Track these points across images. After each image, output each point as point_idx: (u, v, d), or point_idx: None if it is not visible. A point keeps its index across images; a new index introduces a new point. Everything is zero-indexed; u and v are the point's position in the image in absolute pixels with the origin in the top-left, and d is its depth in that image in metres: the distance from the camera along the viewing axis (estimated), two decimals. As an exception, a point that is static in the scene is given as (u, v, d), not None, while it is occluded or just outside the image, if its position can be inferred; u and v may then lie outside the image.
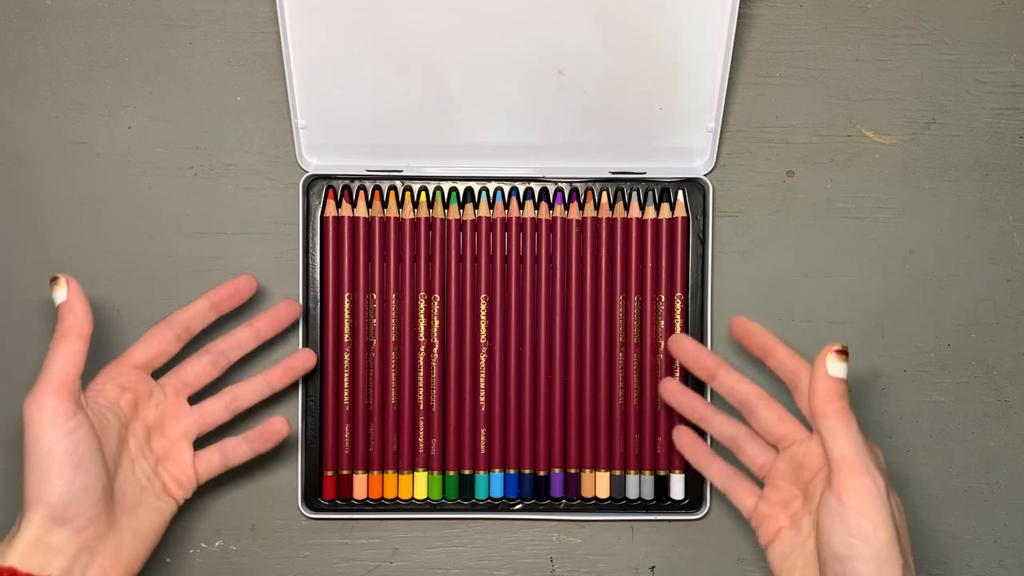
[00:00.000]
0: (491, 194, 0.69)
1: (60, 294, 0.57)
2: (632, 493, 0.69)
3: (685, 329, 0.68)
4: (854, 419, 0.55)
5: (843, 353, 0.56)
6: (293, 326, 0.68)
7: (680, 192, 0.69)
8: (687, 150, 0.69)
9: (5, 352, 0.69)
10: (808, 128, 0.70)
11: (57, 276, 0.57)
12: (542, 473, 0.68)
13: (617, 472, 0.69)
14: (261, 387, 0.65)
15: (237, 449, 0.63)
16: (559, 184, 0.69)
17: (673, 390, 0.64)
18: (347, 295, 0.68)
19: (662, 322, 0.68)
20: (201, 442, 0.63)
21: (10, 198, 0.69)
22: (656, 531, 0.69)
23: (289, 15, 0.64)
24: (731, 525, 0.69)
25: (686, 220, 0.68)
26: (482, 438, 0.68)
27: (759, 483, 0.61)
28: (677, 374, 0.68)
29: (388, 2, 0.64)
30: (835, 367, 0.56)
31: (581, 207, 0.69)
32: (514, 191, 0.68)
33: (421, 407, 0.68)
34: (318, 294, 0.68)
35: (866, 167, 0.70)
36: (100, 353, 0.69)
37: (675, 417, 0.68)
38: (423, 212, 0.68)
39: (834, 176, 0.70)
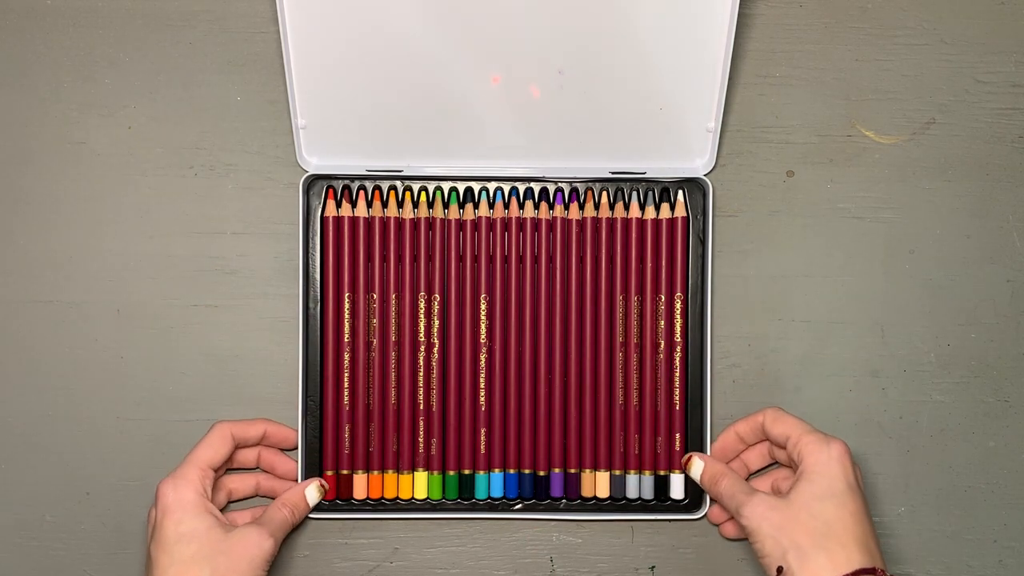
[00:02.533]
0: (491, 194, 0.69)
1: (316, 498, 0.67)
2: (632, 493, 0.69)
3: (685, 328, 0.68)
4: (725, 476, 0.65)
5: (689, 459, 0.67)
6: (293, 324, 0.68)
7: (680, 192, 0.69)
8: (687, 150, 0.69)
9: (6, 352, 0.69)
10: (808, 128, 0.70)
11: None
12: (542, 473, 0.68)
13: (617, 472, 0.69)
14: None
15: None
16: (559, 184, 0.69)
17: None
18: (347, 295, 0.68)
19: (662, 322, 0.68)
20: None
21: (10, 198, 0.69)
22: (656, 531, 0.69)
23: (289, 15, 0.64)
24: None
25: (686, 220, 0.68)
26: (482, 438, 0.68)
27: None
28: (678, 375, 0.68)
29: (388, 3, 0.64)
30: (695, 473, 0.67)
31: (581, 207, 0.69)
32: (514, 191, 0.68)
33: (421, 407, 0.68)
34: (318, 294, 0.68)
35: (866, 167, 0.70)
36: (98, 353, 0.69)
37: (675, 417, 0.68)
38: (423, 212, 0.68)
39: (834, 176, 0.70)
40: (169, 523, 0.61)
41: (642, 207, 0.68)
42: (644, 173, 0.68)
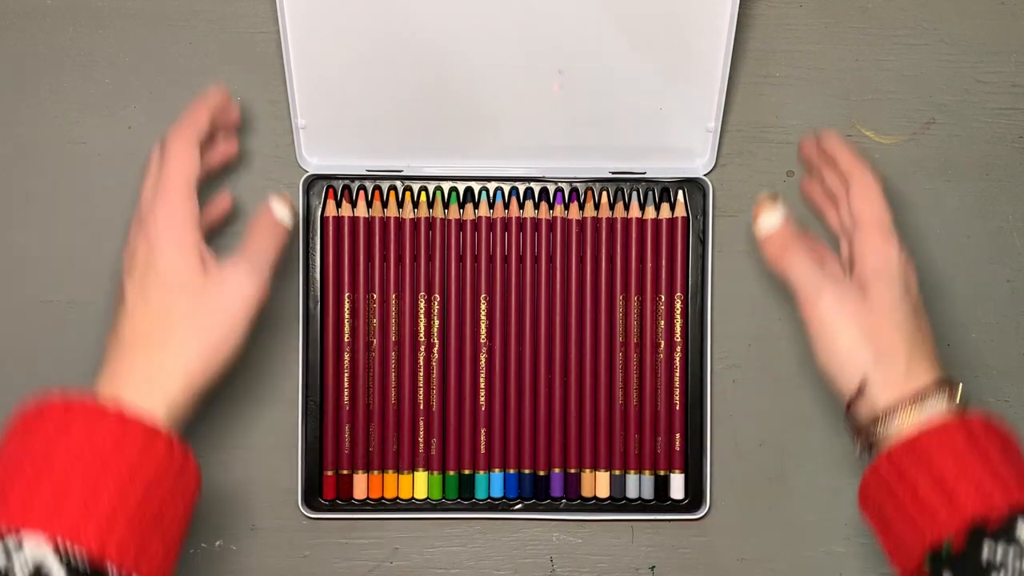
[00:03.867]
0: (491, 194, 0.69)
1: (286, 213, 0.61)
2: (632, 493, 0.69)
3: (685, 329, 0.68)
4: (801, 247, 0.60)
5: (770, 199, 0.61)
6: (293, 324, 0.68)
7: (680, 192, 0.69)
8: (687, 150, 0.69)
9: (6, 352, 0.69)
10: (808, 128, 0.70)
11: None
12: (542, 473, 0.68)
13: (617, 472, 0.69)
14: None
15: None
16: (559, 184, 0.69)
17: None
18: (347, 295, 0.68)
19: (662, 322, 0.68)
20: None
21: (10, 198, 0.69)
22: (656, 531, 0.69)
23: (289, 15, 0.64)
24: (731, 525, 0.69)
25: (686, 220, 0.68)
26: (482, 438, 0.68)
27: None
28: (678, 375, 0.68)
29: (388, 3, 0.64)
30: (767, 223, 0.61)
31: (581, 207, 0.69)
32: (514, 191, 0.68)
33: (421, 407, 0.68)
34: (318, 294, 0.68)
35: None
36: (98, 353, 0.69)
37: (675, 417, 0.68)
38: (423, 212, 0.68)
39: (834, 176, 0.70)
40: (150, 255, 0.56)
41: (642, 207, 0.68)
42: (644, 173, 0.68)
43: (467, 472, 0.68)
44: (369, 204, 0.68)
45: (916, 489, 0.54)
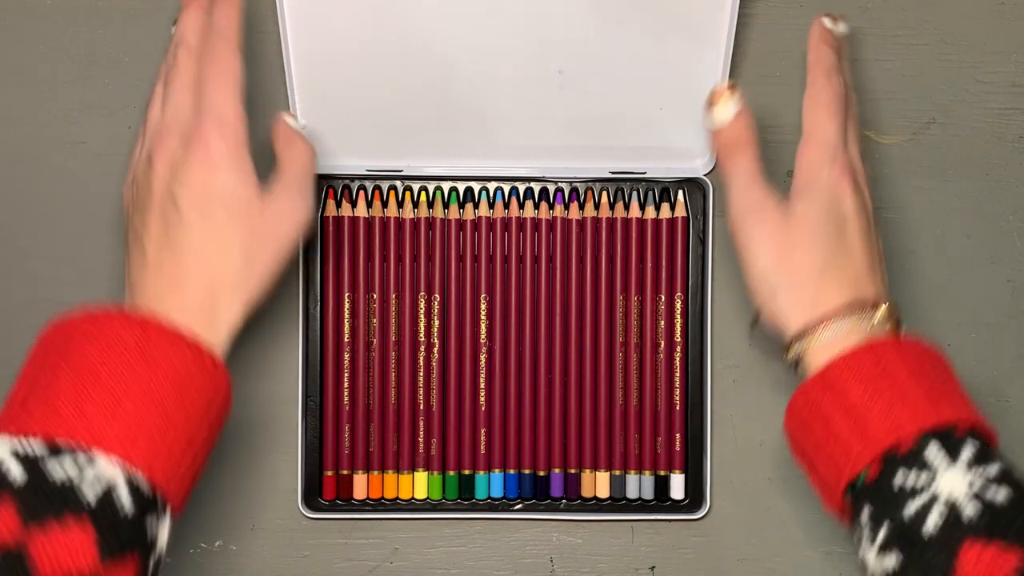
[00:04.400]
0: (491, 194, 0.69)
1: (297, 123, 0.61)
2: (632, 493, 0.69)
3: (685, 329, 0.68)
4: (747, 154, 0.58)
5: (729, 90, 0.59)
6: (293, 324, 0.68)
7: (680, 192, 0.69)
8: (687, 150, 0.69)
9: (6, 351, 0.69)
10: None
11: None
12: (542, 473, 0.68)
13: (617, 472, 0.69)
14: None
15: None
16: (559, 184, 0.69)
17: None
18: (347, 295, 0.68)
19: (662, 322, 0.68)
20: None
21: (10, 198, 0.69)
22: (656, 531, 0.69)
23: (289, 15, 0.64)
24: (731, 525, 0.69)
25: (686, 220, 0.68)
26: (482, 438, 0.68)
27: None
28: (678, 375, 0.68)
29: (388, 3, 0.64)
30: (719, 116, 0.59)
31: (581, 207, 0.69)
32: (514, 191, 0.68)
33: (421, 407, 0.68)
34: (318, 294, 0.68)
35: (866, 167, 0.70)
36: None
37: (675, 417, 0.68)
38: (423, 212, 0.68)
39: (834, 176, 0.70)
40: (210, 175, 0.54)
41: (642, 207, 0.68)
42: (644, 173, 0.68)
43: (467, 472, 0.68)
44: (369, 204, 0.68)
45: (829, 422, 0.52)
